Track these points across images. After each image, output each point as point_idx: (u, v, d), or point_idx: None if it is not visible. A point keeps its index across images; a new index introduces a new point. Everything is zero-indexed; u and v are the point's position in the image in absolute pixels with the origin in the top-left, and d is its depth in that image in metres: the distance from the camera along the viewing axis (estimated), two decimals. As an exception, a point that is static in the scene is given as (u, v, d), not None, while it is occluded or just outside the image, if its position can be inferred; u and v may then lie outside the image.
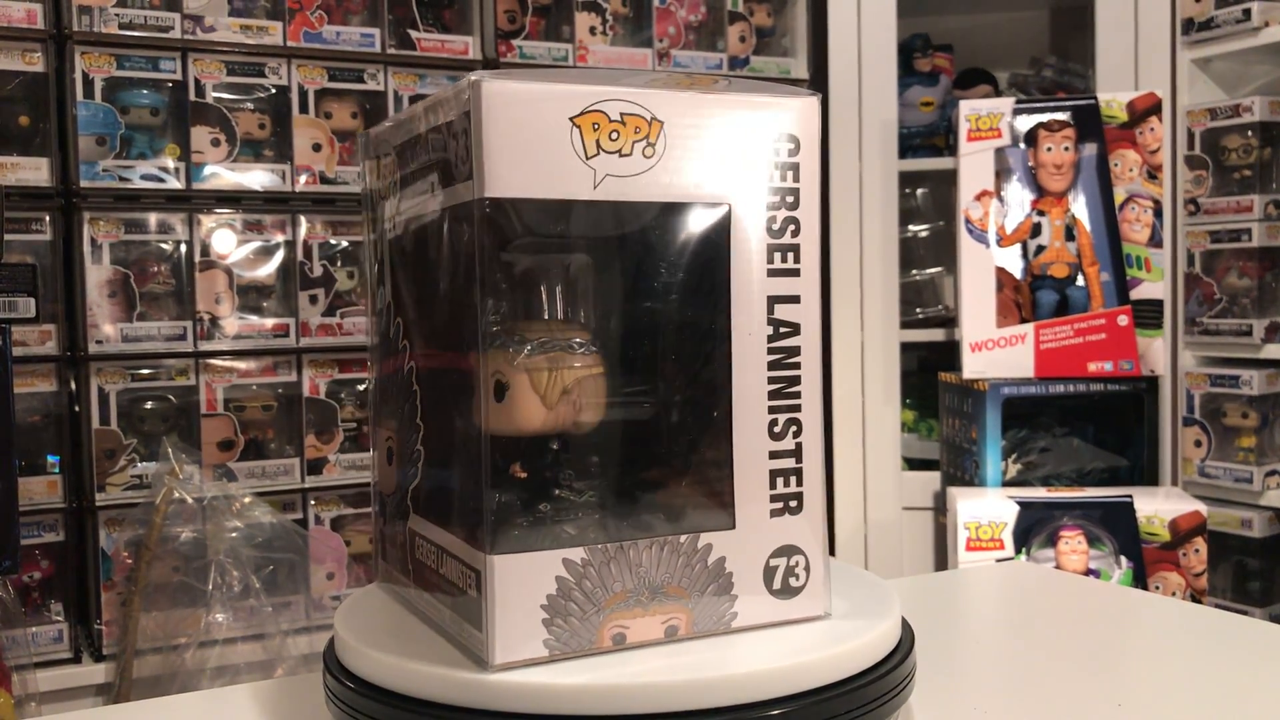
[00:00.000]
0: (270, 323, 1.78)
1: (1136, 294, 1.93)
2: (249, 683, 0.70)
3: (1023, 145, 1.96)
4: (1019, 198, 1.97)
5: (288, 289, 1.80)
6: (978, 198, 1.97)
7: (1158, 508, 1.77)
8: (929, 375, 2.21)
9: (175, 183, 1.72)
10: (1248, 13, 1.95)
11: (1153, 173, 1.94)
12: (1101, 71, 2.11)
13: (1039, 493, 1.83)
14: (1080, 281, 1.95)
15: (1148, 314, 1.93)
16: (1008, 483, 1.95)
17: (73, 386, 1.67)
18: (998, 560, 1.74)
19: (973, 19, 2.46)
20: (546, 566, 0.52)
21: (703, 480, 0.56)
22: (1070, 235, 1.95)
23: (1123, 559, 1.77)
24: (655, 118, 0.53)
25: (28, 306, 1.60)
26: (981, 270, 1.97)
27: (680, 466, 0.56)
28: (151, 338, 1.71)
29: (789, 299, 0.56)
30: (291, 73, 1.78)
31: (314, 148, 1.80)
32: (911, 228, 2.38)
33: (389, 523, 0.64)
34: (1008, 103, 1.97)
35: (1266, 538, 2.00)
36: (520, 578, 0.51)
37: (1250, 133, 1.99)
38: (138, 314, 1.70)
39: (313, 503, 1.82)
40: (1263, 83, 2.09)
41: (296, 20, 1.77)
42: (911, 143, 2.26)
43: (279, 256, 1.80)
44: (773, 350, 0.56)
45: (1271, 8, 1.95)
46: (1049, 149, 1.95)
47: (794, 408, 0.57)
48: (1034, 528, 1.77)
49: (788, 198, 0.56)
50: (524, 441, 0.53)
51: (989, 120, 1.97)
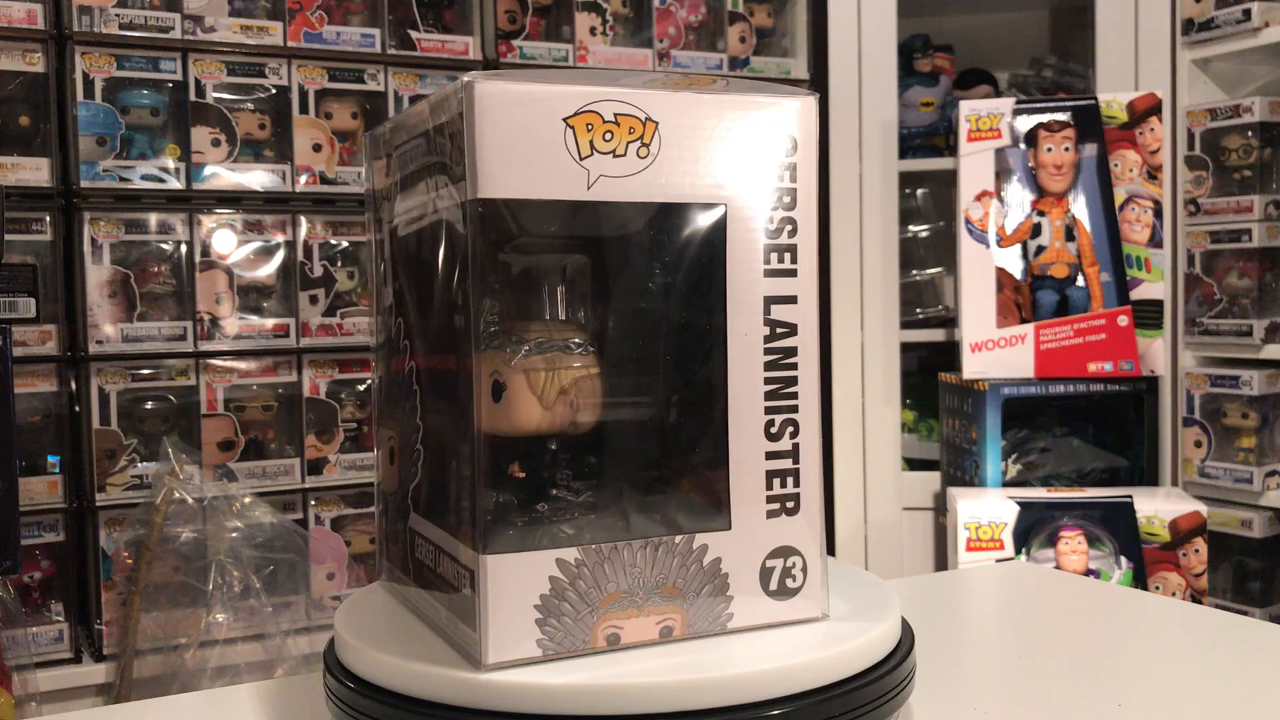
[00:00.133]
0: (270, 323, 1.78)
1: (1136, 294, 1.93)
2: (249, 683, 0.70)
3: (1023, 146, 1.96)
4: (1019, 198, 1.97)
5: (288, 289, 1.80)
6: (978, 198, 1.97)
7: (1158, 508, 1.77)
8: (929, 375, 2.21)
9: (175, 183, 1.72)
10: (1248, 13, 1.95)
11: (1153, 173, 1.94)
12: (1101, 72, 2.11)
13: (1039, 493, 1.83)
14: (1080, 282, 1.95)
15: (1148, 314, 1.93)
16: (1008, 483, 1.95)
17: (73, 387, 1.67)
18: (998, 560, 1.74)
19: (973, 19, 2.45)
20: (540, 566, 0.52)
21: (699, 481, 0.56)
22: (1070, 236, 1.95)
23: (1123, 559, 1.77)
24: (650, 118, 0.53)
25: (28, 306, 1.60)
26: (981, 270, 1.96)
27: (677, 467, 0.56)
28: (152, 338, 1.71)
29: (786, 299, 0.56)
30: (292, 73, 1.78)
31: (314, 148, 1.80)
32: (912, 228, 2.38)
33: (390, 522, 0.64)
34: (1008, 103, 1.97)
35: (1266, 538, 2.00)
36: (513, 577, 0.51)
37: (1250, 133, 1.99)
38: (138, 314, 1.70)
39: (313, 503, 1.82)
40: (1263, 83, 2.09)
41: (297, 20, 1.77)
42: (912, 143, 2.26)
43: (279, 257, 1.80)
44: (770, 351, 0.56)
45: (1271, 8, 1.95)
46: (1049, 149, 1.95)
47: (791, 408, 0.56)
48: (1034, 528, 1.77)
49: (785, 198, 0.56)
50: (521, 442, 0.53)
51: (989, 121, 1.96)
